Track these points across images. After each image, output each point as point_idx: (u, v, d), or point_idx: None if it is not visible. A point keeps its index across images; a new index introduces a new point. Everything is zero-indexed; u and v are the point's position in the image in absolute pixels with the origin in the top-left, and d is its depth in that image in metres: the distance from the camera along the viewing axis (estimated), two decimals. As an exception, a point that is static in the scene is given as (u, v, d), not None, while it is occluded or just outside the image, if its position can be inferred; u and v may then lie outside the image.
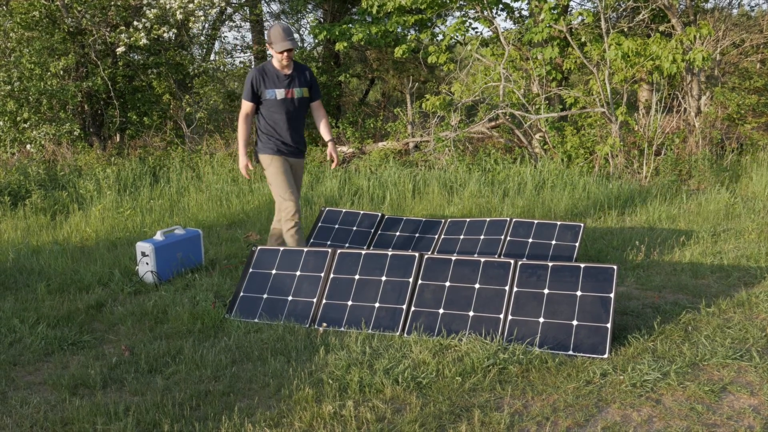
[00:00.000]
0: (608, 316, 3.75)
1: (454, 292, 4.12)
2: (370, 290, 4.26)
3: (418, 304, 4.12)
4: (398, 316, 4.08)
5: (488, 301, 4.00)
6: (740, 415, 2.98)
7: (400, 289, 4.21)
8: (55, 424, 3.04)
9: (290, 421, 3.00)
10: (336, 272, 4.40)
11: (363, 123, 12.73)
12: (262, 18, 15.51)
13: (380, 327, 4.05)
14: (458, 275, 4.18)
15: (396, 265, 4.33)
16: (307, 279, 4.42)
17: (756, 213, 6.79)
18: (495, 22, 10.24)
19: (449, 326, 3.96)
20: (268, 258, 4.64)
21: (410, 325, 4.02)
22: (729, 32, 10.88)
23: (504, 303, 3.96)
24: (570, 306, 3.87)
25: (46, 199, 8.08)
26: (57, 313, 4.49)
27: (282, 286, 4.43)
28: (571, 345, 3.68)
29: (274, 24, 4.88)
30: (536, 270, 4.08)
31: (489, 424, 2.94)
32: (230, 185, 8.83)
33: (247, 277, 4.57)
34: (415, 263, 4.30)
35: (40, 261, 5.79)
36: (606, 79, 8.81)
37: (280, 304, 4.34)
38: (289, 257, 4.58)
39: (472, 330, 3.89)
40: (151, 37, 10.63)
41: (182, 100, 11.95)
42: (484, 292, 4.06)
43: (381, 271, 4.33)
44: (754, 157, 9.09)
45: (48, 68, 9.98)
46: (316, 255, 4.53)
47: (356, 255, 4.46)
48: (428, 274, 4.25)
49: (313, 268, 4.46)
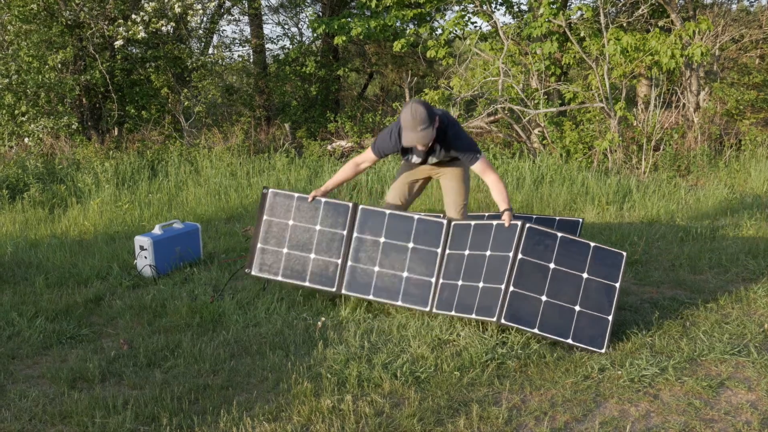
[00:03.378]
0: (611, 308, 3.66)
1: (472, 261, 3.88)
2: (398, 257, 4.05)
3: (446, 276, 3.93)
4: (427, 291, 3.92)
5: (495, 272, 3.75)
6: (738, 410, 2.99)
7: (428, 260, 3.99)
8: (53, 418, 3.04)
9: (289, 415, 3.00)
10: (360, 231, 4.14)
11: (362, 117, 12.72)
12: (261, 11, 15.47)
13: (411, 301, 3.93)
14: (475, 242, 3.92)
15: (423, 231, 4.06)
16: (327, 235, 4.16)
17: (754, 209, 6.79)
18: (494, 17, 10.23)
19: (464, 301, 3.78)
20: (282, 204, 4.32)
21: (438, 301, 3.87)
22: (728, 27, 10.88)
23: (506, 273, 3.69)
24: (575, 288, 3.68)
25: (44, 192, 8.06)
26: (55, 306, 4.49)
27: (303, 241, 4.18)
28: (571, 333, 3.59)
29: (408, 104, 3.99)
30: (544, 238, 3.78)
31: (487, 418, 2.95)
32: (228, 179, 8.82)
33: (263, 225, 4.33)
34: (443, 231, 4.05)
35: (38, 254, 5.78)
36: (605, 74, 8.81)
37: (302, 262, 4.13)
38: (306, 207, 4.28)
39: (479, 305, 3.69)
40: (150, 30, 10.60)
41: (180, 94, 11.93)
42: (493, 261, 3.79)
43: (408, 236, 4.07)
44: (752, 152, 9.09)
45: (46, 61, 9.95)
46: (335, 209, 4.23)
47: (380, 214, 4.16)
48: (453, 242, 4.00)
49: (332, 224, 4.19)
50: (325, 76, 14.31)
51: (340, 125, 12.08)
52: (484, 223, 3.94)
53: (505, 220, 3.85)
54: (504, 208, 3.98)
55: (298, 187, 8.23)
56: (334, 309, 4.33)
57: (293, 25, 17.95)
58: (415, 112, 3.88)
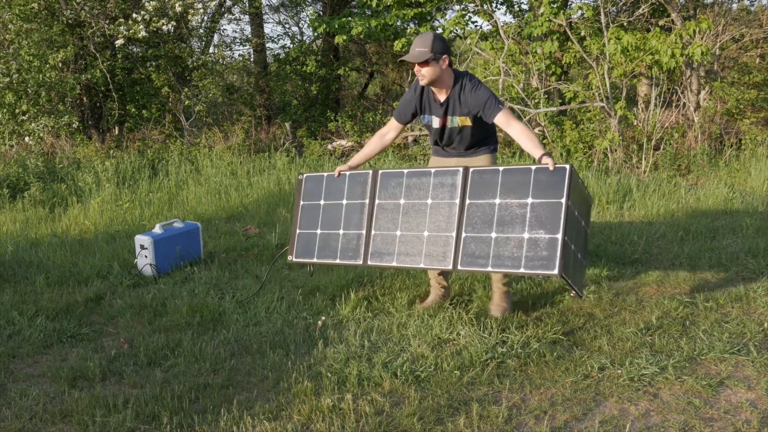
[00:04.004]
0: (558, 225, 3.41)
1: (506, 210, 3.59)
2: (418, 217, 3.85)
3: (469, 229, 3.67)
4: (448, 247, 3.69)
5: (543, 219, 3.48)
6: (737, 409, 2.99)
7: (447, 214, 3.76)
8: (54, 416, 3.05)
9: (289, 414, 3.01)
10: (381, 197, 4.02)
11: (362, 117, 12.72)
12: (261, 10, 15.48)
13: (432, 260, 3.73)
14: (507, 189, 3.63)
15: (440, 184, 3.84)
16: (353, 208, 4.09)
17: (754, 208, 6.79)
18: (494, 16, 10.23)
19: (502, 253, 3.52)
20: (315, 186, 4.31)
21: (464, 256, 3.62)
22: (728, 27, 10.88)
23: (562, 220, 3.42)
24: (581, 234, 3.48)
25: (44, 191, 8.07)
26: (56, 305, 4.50)
27: (333, 219, 4.15)
28: (578, 282, 3.39)
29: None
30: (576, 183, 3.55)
31: (487, 417, 2.95)
32: (229, 178, 8.83)
33: (300, 212, 4.32)
34: (459, 180, 3.78)
35: (38, 253, 5.79)
36: (605, 73, 8.81)
37: (333, 240, 4.09)
38: (334, 183, 4.22)
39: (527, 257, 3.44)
40: (150, 29, 10.61)
41: (181, 93, 11.94)
42: (536, 207, 3.51)
43: (426, 193, 3.87)
44: (752, 152, 9.09)
45: (47, 60, 9.96)
46: (358, 179, 4.14)
47: (398, 175, 4.00)
48: (476, 190, 3.71)
49: (357, 195, 4.11)
50: (326, 76, 14.31)
51: (340, 124, 12.09)
52: (516, 167, 3.66)
53: (549, 164, 3.52)
54: (540, 153, 3.64)
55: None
56: (334, 308, 4.34)
57: (294, 24, 17.97)
58: (424, 35, 3.84)
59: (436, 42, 3.81)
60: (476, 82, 3.94)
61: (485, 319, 4.03)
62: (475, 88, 3.91)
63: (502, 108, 3.86)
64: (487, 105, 3.87)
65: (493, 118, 3.87)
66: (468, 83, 3.92)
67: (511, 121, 3.84)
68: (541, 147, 3.70)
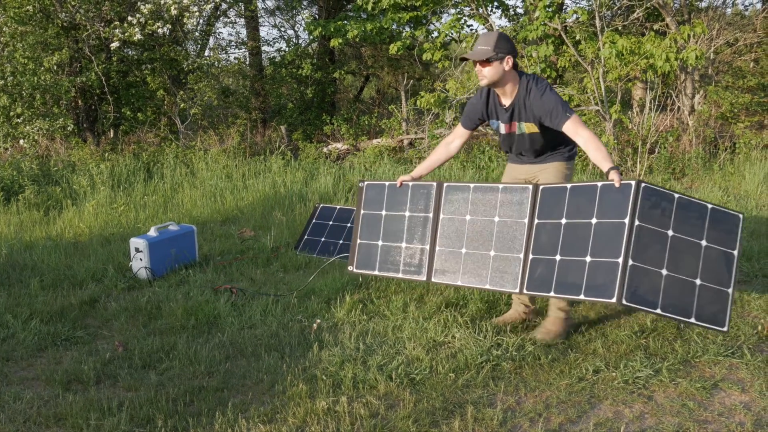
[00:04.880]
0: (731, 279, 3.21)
1: (571, 231, 3.37)
2: (484, 235, 3.70)
3: (536, 251, 3.49)
4: (516, 269, 3.53)
5: (607, 241, 3.22)
6: (731, 411, 3.00)
7: (515, 234, 3.59)
8: (48, 420, 3.04)
9: (284, 417, 3.01)
10: (445, 212, 3.89)
11: (357, 120, 12.73)
12: (257, 14, 15.48)
13: (498, 282, 3.56)
14: (574, 208, 3.41)
15: (508, 201, 3.66)
16: (416, 221, 3.97)
17: (748, 211, 6.82)
18: (490, 20, 10.25)
19: (565, 279, 3.31)
20: (376, 195, 4.19)
21: (530, 280, 3.45)
22: (723, 31, 10.92)
23: (623, 244, 3.15)
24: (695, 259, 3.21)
25: (39, 194, 8.05)
26: (50, 308, 4.48)
27: (395, 231, 4.04)
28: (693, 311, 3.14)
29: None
30: (661, 200, 3.24)
31: (482, 420, 2.96)
32: (224, 181, 8.82)
33: (361, 220, 4.20)
34: (529, 198, 3.58)
35: (33, 256, 5.77)
36: (600, 77, 8.84)
37: (395, 252, 3.99)
38: (397, 193, 4.10)
39: (589, 284, 3.21)
40: (146, 32, 10.60)
41: (176, 96, 11.93)
42: (602, 230, 3.26)
43: (493, 210, 3.70)
44: (747, 155, 9.13)
45: (41, 63, 9.95)
46: (422, 191, 3.99)
47: (464, 189, 3.85)
48: (544, 210, 3.52)
49: (420, 208, 3.98)
50: (321, 79, 14.32)
51: (336, 128, 12.09)
52: (583, 184, 3.44)
53: (614, 180, 3.25)
54: (608, 167, 3.36)
55: (294, 190, 8.24)
56: (329, 311, 4.34)
57: (289, 27, 17.95)
58: (488, 33, 3.64)
59: (501, 41, 3.59)
60: (543, 87, 3.66)
61: (480, 321, 4.04)
62: (542, 93, 3.63)
63: (570, 116, 3.57)
64: (554, 113, 3.59)
65: (561, 126, 3.59)
66: (534, 87, 3.66)
67: (580, 130, 3.55)
68: (609, 159, 3.43)
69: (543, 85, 3.66)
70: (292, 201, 7.81)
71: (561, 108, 3.57)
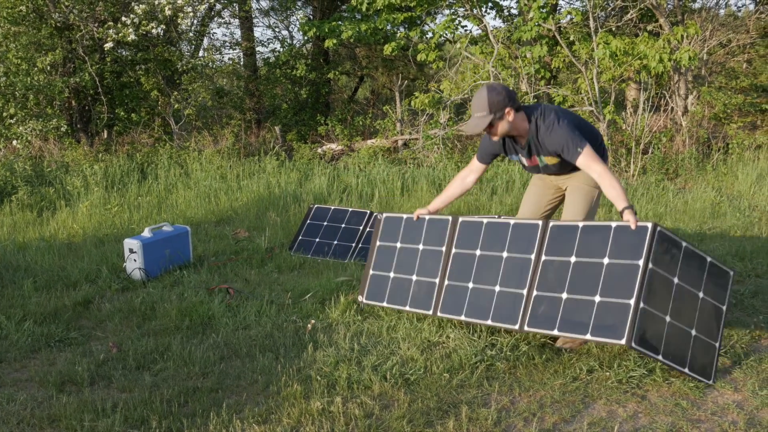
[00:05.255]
0: (719, 333, 3.28)
1: (581, 270, 3.35)
2: (492, 269, 3.69)
3: (541, 287, 3.45)
4: (518, 305, 3.50)
5: (617, 282, 3.18)
6: (724, 410, 3.02)
7: (520, 270, 3.57)
8: (42, 421, 3.03)
9: (278, 418, 3.01)
10: (458, 246, 3.91)
11: (352, 120, 12.74)
12: (251, 14, 15.47)
13: (500, 318, 3.54)
14: (584, 247, 3.38)
15: (517, 237, 3.66)
16: (429, 254, 3.99)
17: (741, 211, 6.85)
18: (484, 21, 10.27)
19: (571, 317, 3.27)
20: (393, 227, 4.24)
21: (531, 317, 3.42)
22: (716, 32, 10.97)
23: (636, 287, 3.10)
24: (693, 309, 3.23)
25: (32, 195, 8.03)
26: (44, 309, 4.47)
27: (407, 263, 4.06)
28: (687, 361, 3.16)
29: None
30: (671, 246, 3.22)
31: (476, 420, 2.96)
32: (218, 182, 8.81)
33: (375, 251, 4.25)
34: (537, 234, 3.58)
35: (26, 257, 5.75)
36: (594, 77, 8.86)
37: (405, 285, 4.00)
38: (413, 226, 4.15)
39: (596, 324, 3.16)
40: (140, 33, 10.58)
41: (170, 97, 11.91)
42: (614, 270, 3.23)
43: (502, 245, 3.70)
44: (739, 156, 9.17)
45: (35, 63, 9.91)
46: (437, 225, 4.04)
47: (478, 225, 3.87)
48: (553, 247, 3.50)
49: (434, 242, 4.01)
50: (316, 79, 14.32)
51: (330, 128, 12.10)
52: (596, 224, 3.41)
53: (630, 221, 3.22)
54: (622, 206, 3.30)
55: (288, 190, 8.24)
56: (323, 311, 4.34)
57: (284, 28, 17.95)
58: (477, 96, 3.49)
59: (493, 98, 3.47)
60: (550, 122, 3.54)
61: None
62: (550, 130, 3.54)
63: (581, 151, 3.48)
64: (565, 149, 3.53)
65: (574, 162, 3.53)
66: (542, 125, 3.56)
67: (592, 165, 3.48)
68: (625, 197, 3.36)
69: (550, 120, 3.56)
70: (287, 202, 7.81)
71: (572, 144, 3.50)
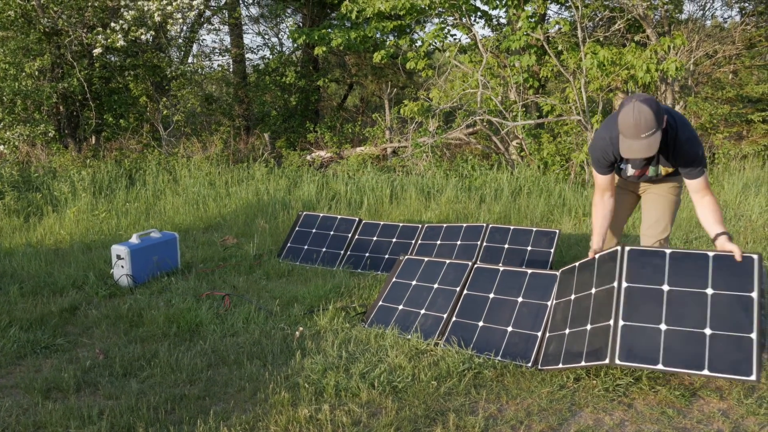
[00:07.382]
0: (752, 323, 3.05)
1: (578, 303, 3.61)
2: (504, 311, 3.93)
3: (553, 328, 3.68)
4: (531, 344, 3.68)
5: (601, 309, 3.39)
6: (710, 419, 3.04)
7: (538, 312, 3.83)
8: (27, 428, 3.01)
9: (266, 425, 3.00)
10: (471, 288, 4.16)
11: (341, 128, 12.75)
12: (241, 21, 15.47)
13: (511, 355, 3.66)
14: (581, 283, 3.68)
15: (534, 285, 3.97)
16: (441, 292, 4.22)
17: (727, 221, 6.90)
18: (473, 30, 10.33)
19: (571, 349, 3.42)
20: (412, 267, 4.50)
21: (544, 355, 3.58)
22: (702, 43, 11.07)
23: (613, 307, 3.31)
24: (700, 308, 3.19)
25: (19, 200, 7.97)
26: (30, 316, 4.44)
27: (418, 298, 4.26)
28: (706, 362, 3.02)
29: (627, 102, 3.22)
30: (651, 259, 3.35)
31: (464, 428, 2.97)
32: (207, 189, 8.79)
33: (389, 286, 4.44)
34: (557, 283, 3.90)
35: (12, 263, 5.71)
36: (582, 87, 8.92)
37: (412, 317, 4.15)
38: (432, 268, 4.42)
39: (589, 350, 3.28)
40: (129, 38, 10.55)
41: (159, 103, 11.87)
42: (599, 298, 3.46)
43: (518, 291, 3.99)
44: (726, 166, 9.25)
45: (23, 68, 9.86)
46: (455, 268, 4.33)
47: (494, 271, 4.19)
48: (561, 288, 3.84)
49: (450, 282, 4.25)
50: (305, 87, 14.33)
51: (319, 135, 12.10)
52: (585, 261, 3.73)
53: (734, 252, 3.18)
54: (719, 231, 3.30)
55: (277, 197, 8.23)
56: (311, 318, 4.34)
57: (273, 35, 17.96)
58: (639, 115, 3.10)
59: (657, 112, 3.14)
60: (689, 133, 3.37)
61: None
62: (690, 142, 3.35)
63: (703, 173, 3.38)
64: (692, 167, 3.39)
65: (692, 179, 3.42)
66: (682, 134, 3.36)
67: (706, 190, 3.41)
68: (722, 223, 3.33)
69: (688, 131, 3.38)
70: (275, 208, 7.80)
71: (699, 163, 3.39)
